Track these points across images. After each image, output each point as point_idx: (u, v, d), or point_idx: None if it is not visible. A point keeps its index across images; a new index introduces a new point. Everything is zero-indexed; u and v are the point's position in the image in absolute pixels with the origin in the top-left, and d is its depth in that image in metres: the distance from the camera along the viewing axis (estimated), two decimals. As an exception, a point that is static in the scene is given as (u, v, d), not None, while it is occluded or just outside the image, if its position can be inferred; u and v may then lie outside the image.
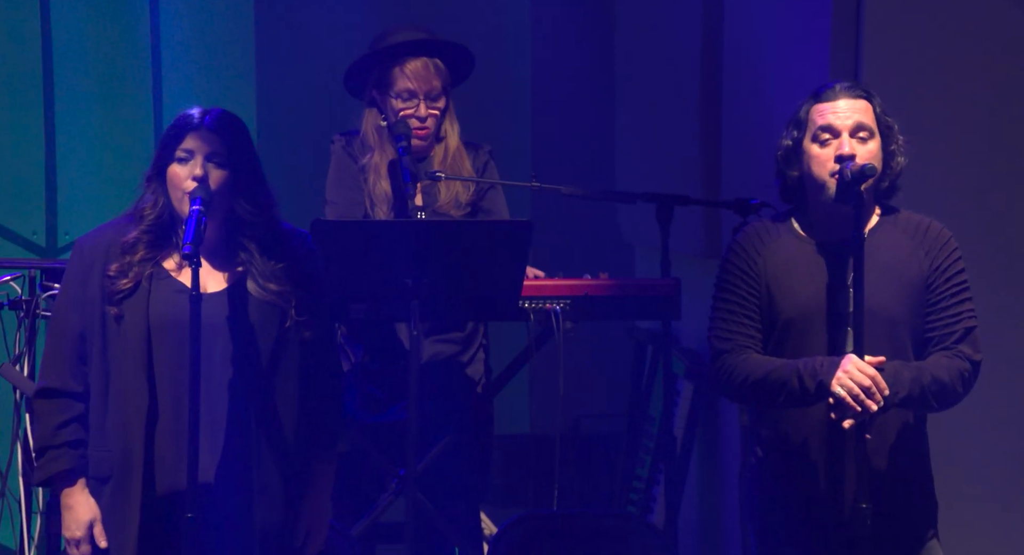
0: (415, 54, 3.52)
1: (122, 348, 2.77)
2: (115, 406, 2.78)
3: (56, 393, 2.81)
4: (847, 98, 2.84)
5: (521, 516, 3.58)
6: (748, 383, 2.80)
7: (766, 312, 2.83)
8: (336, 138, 3.63)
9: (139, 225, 2.81)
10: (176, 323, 2.76)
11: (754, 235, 2.87)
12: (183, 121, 2.80)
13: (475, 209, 3.59)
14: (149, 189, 2.82)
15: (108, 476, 2.78)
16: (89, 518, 2.79)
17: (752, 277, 2.84)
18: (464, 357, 3.62)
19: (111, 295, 2.78)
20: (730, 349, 2.82)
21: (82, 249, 2.84)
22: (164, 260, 2.83)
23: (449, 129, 3.59)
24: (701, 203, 3.96)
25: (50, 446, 2.79)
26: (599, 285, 3.62)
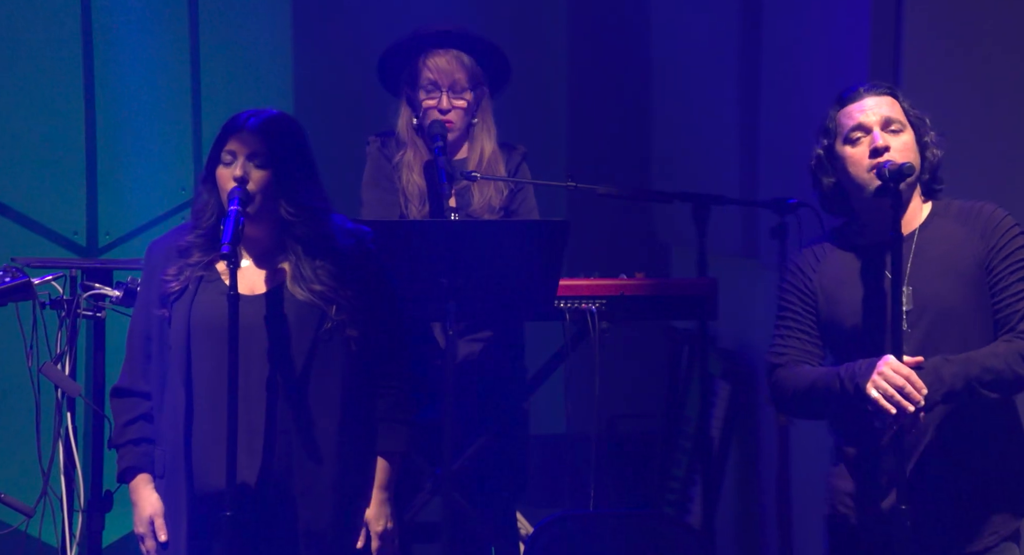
0: (440, 46, 3.52)
1: (171, 350, 2.83)
2: (167, 406, 2.84)
3: (124, 392, 2.89)
4: (872, 96, 2.83)
5: (557, 516, 3.57)
6: (797, 394, 2.83)
7: (826, 327, 2.85)
8: (372, 139, 3.64)
9: (196, 229, 2.87)
10: (216, 324, 2.79)
11: (809, 253, 2.90)
12: (228, 124, 2.85)
13: (507, 214, 3.59)
14: (202, 192, 2.87)
15: (163, 474, 2.86)
16: (150, 513, 2.85)
17: (807, 293, 2.86)
18: (499, 357, 3.63)
19: (163, 297, 2.85)
20: (783, 363, 2.85)
21: (149, 252, 2.92)
22: (217, 262, 2.86)
23: (485, 133, 3.59)
24: (738, 203, 3.95)
25: (119, 444, 2.88)
26: (635, 285, 3.61)
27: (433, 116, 3.52)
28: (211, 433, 2.78)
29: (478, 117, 3.59)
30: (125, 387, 2.89)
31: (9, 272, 3.43)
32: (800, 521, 3.95)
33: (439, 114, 3.51)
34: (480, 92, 3.57)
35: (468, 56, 3.54)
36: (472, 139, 3.60)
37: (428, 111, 3.53)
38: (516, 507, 3.76)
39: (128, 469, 2.86)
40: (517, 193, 3.61)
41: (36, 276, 3.49)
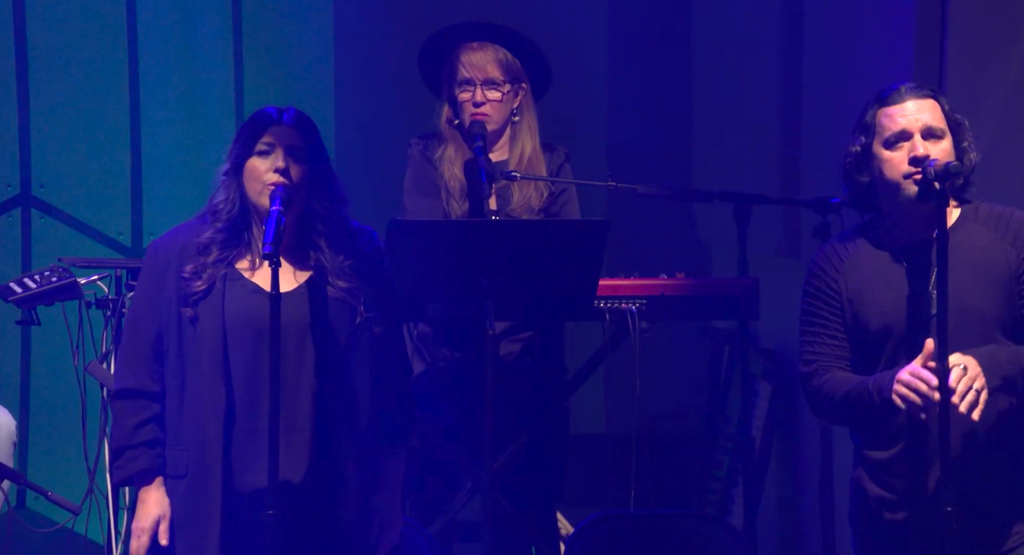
0: (475, 40, 3.52)
1: (198, 349, 2.80)
2: (192, 406, 2.81)
3: (134, 394, 2.85)
4: (914, 99, 2.80)
5: (598, 516, 3.57)
6: (833, 405, 2.82)
7: (852, 328, 2.82)
8: (414, 142, 3.64)
9: (213, 223, 2.84)
10: (251, 324, 2.79)
11: (831, 253, 2.86)
12: (263, 117, 2.84)
13: (547, 215, 3.59)
14: (224, 184, 2.85)
15: (184, 474, 2.82)
16: (158, 514, 2.83)
17: (832, 296, 2.83)
18: (539, 357, 3.62)
19: (186, 296, 2.81)
20: (814, 371, 2.83)
21: (156, 251, 2.87)
22: (237, 261, 2.86)
23: (526, 131, 3.58)
24: (779, 202, 3.92)
25: (128, 446, 2.83)
26: (675, 285, 3.60)
27: (468, 110, 3.52)
28: (248, 431, 2.78)
29: (519, 115, 3.59)
30: (133, 388, 2.83)
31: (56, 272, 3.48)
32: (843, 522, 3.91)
33: (473, 107, 3.51)
34: (518, 88, 3.57)
35: (504, 50, 3.54)
36: (513, 138, 3.60)
37: (463, 105, 3.53)
38: (557, 507, 3.76)
39: (144, 471, 2.82)
40: (559, 196, 3.60)
41: (82, 276, 3.53)
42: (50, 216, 4.45)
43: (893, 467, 2.80)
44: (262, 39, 4.61)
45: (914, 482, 2.78)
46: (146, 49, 4.51)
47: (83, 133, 4.48)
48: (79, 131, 4.48)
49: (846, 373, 2.82)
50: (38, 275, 3.49)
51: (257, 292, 2.81)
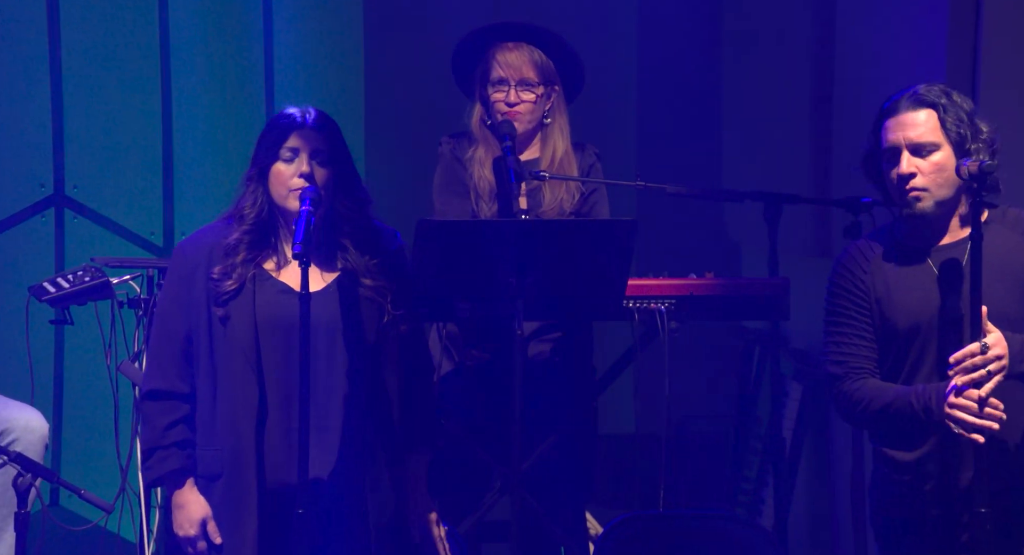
0: (510, 40, 3.52)
1: (230, 349, 2.81)
2: (224, 405, 2.82)
3: (163, 395, 2.86)
4: (909, 111, 2.79)
5: (627, 516, 3.56)
6: (867, 414, 2.81)
7: (879, 328, 2.81)
8: (444, 140, 3.65)
9: (240, 226, 2.86)
10: (282, 323, 2.81)
11: (856, 252, 2.85)
12: (286, 120, 2.85)
13: (577, 216, 3.58)
14: (249, 189, 2.87)
15: (219, 474, 2.83)
16: (202, 515, 2.84)
17: (859, 295, 2.82)
18: (568, 357, 3.62)
19: (216, 297, 2.83)
20: (844, 374, 2.81)
21: (183, 252, 2.89)
22: (264, 261, 2.87)
23: (558, 133, 3.58)
24: (810, 202, 3.90)
25: (159, 447, 2.85)
26: (705, 285, 3.59)
27: (501, 110, 3.53)
28: (282, 429, 2.79)
29: (551, 116, 3.59)
30: (162, 389, 2.84)
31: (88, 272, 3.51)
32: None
33: (506, 107, 3.52)
34: (551, 90, 3.57)
35: (539, 52, 3.54)
36: (545, 138, 3.60)
37: (496, 105, 3.54)
38: (586, 507, 3.76)
39: (175, 472, 2.83)
40: (589, 196, 3.59)
41: (114, 276, 3.56)
42: (83, 216, 4.49)
43: (921, 467, 2.78)
44: (293, 39, 4.63)
45: (943, 483, 2.76)
46: (178, 50, 4.54)
47: (115, 134, 4.51)
48: (112, 132, 4.51)
49: (879, 382, 2.80)
50: (71, 275, 3.52)
51: (286, 292, 2.83)
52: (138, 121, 4.52)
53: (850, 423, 2.91)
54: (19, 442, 3.40)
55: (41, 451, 3.47)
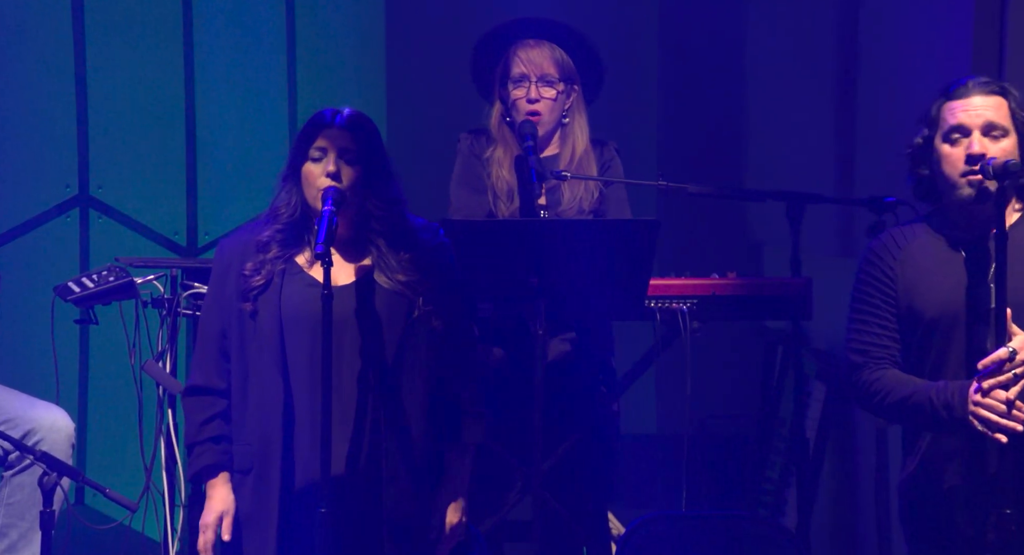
0: (531, 37, 3.52)
1: (258, 344, 2.83)
2: (253, 401, 2.84)
3: (200, 390, 2.89)
4: (980, 95, 2.76)
5: (650, 517, 3.56)
6: (885, 404, 2.79)
7: (906, 317, 2.79)
8: (463, 136, 3.65)
9: (274, 224, 2.88)
10: (308, 317, 2.81)
11: (888, 241, 2.84)
12: (316, 120, 2.87)
13: (596, 216, 3.58)
14: (284, 188, 2.89)
15: (249, 469, 2.85)
16: (221, 509, 2.86)
17: (887, 284, 2.80)
18: (589, 356, 3.62)
19: (245, 292, 2.85)
20: (864, 363, 2.80)
21: (222, 249, 2.93)
22: (296, 256, 2.89)
23: (577, 131, 3.57)
24: (833, 201, 3.89)
25: (196, 442, 2.88)
26: (727, 284, 3.58)
27: (521, 107, 3.52)
28: (309, 426, 2.80)
29: (569, 117, 3.58)
30: (200, 385, 2.88)
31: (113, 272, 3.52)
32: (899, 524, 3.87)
33: (527, 104, 3.51)
34: (571, 88, 3.56)
35: (560, 49, 3.53)
36: (564, 137, 3.60)
37: (517, 103, 3.53)
38: (608, 507, 3.76)
39: (209, 467, 2.86)
40: (607, 188, 3.58)
41: (139, 276, 3.57)
42: (107, 216, 4.51)
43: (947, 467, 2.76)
44: (315, 39, 4.64)
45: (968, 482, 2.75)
46: (201, 51, 4.56)
47: (140, 135, 4.53)
48: (136, 133, 4.53)
49: (900, 374, 2.79)
50: (96, 275, 3.54)
51: (314, 285, 2.83)
52: (162, 123, 4.54)
53: (864, 409, 2.89)
54: (45, 441, 3.42)
55: (67, 450, 3.50)
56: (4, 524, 3.42)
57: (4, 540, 3.44)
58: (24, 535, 3.44)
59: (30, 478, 3.39)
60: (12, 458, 3.44)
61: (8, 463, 3.46)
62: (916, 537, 2.83)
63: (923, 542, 2.82)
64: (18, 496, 3.44)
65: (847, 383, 2.84)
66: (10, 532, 3.43)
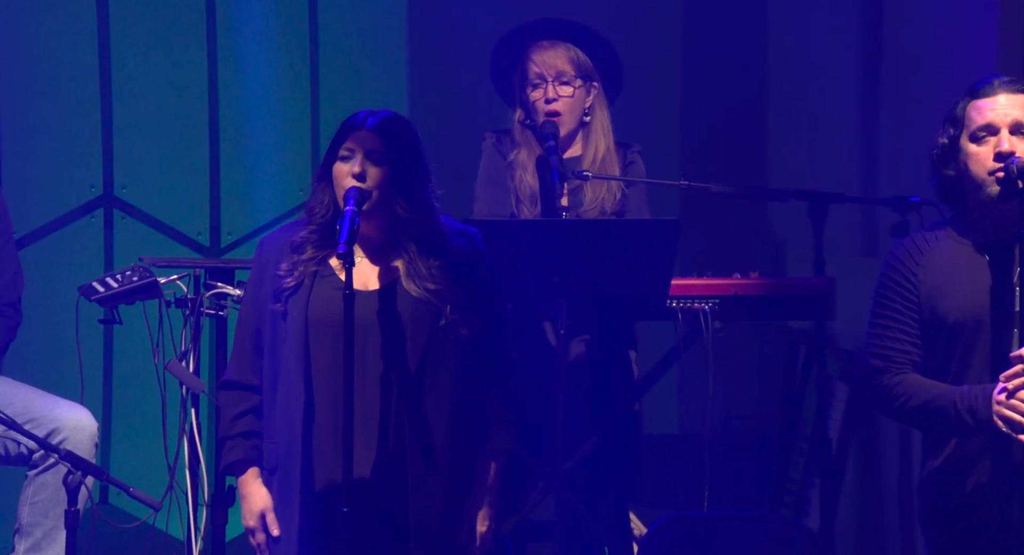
0: (544, 38, 3.51)
1: (286, 345, 2.85)
2: (280, 400, 2.86)
3: (234, 385, 2.91)
4: (1006, 93, 2.74)
5: (671, 516, 3.55)
6: (906, 409, 2.77)
7: (928, 322, 2.78)
8: (488, 135, 3.66)
9: (309, 225, 2.89)
10: (334, 320, 2.82)
11: (911, 245, 2.82)
12: (348, 121, 2.88)
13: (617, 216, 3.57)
14: (318, 188, 2.90)
15: (275, 468, 2.87)
16: (261, 507, 2.87)
17: (909, 288, 2.79)
18: (611, 357, 3.61)
19: (278, 292, 2.87)
20: (885, 368, 2.79)
21: (261, 247, 2.95)
22: (330, 258, 2.90)
23: (599, 131, 3.57)
24: (857, 201, 3.87)
25: (227, 437, 2.89)
26: (749, 284, 3.57)
27: (540, 108, 3.52)
28: (329, 428, 2.81)
29: (590, 115, 3.58)
30: (234, 380, 2.90)
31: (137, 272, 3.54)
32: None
33: (545, 104, 3.51)
34: (590, 85, 3.56)
35: (575, 49, 3.53)
36: (587, 137, 3.59)
37: (536, 104, 3.53)
38: (629, 507, 3.75)
39: (238, 462, 2.87)
40: (626, 193, 3.58)
41: (162, 275, 3.58)
42: (131, 216, 4.53)
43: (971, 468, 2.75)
44: (338, 40, 4.65)
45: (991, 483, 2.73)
46: (225, 53, 4.58)
47: (163, 136, 4.56)
48: (159, 134, 4.55)
49: (920, 378, 2.77)
50: (120, 274, 3.55)
51: (341, 289, 2.83)
52: (185, 123, 4.56)
53: (882, 413, 2.88)
54: (69, 440, 3.44)
55: (91, 449, 3.51)
56: (28, 523, 3.44)
57: (28, 538, 3.46)
58: (48, 533, 3.46)
59: (54, 477, 3.41)
60: (36, 457, 3.46)
61: (32, 462, 3.48)
62: (937, 538, 2.81)
63: (944, 543, 2.80)
64: (42, 495, 3.45)
65: (867, 388, 2.83)
66: (34, 531, 3.45)
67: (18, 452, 3.46)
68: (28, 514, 3.44)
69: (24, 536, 3.46)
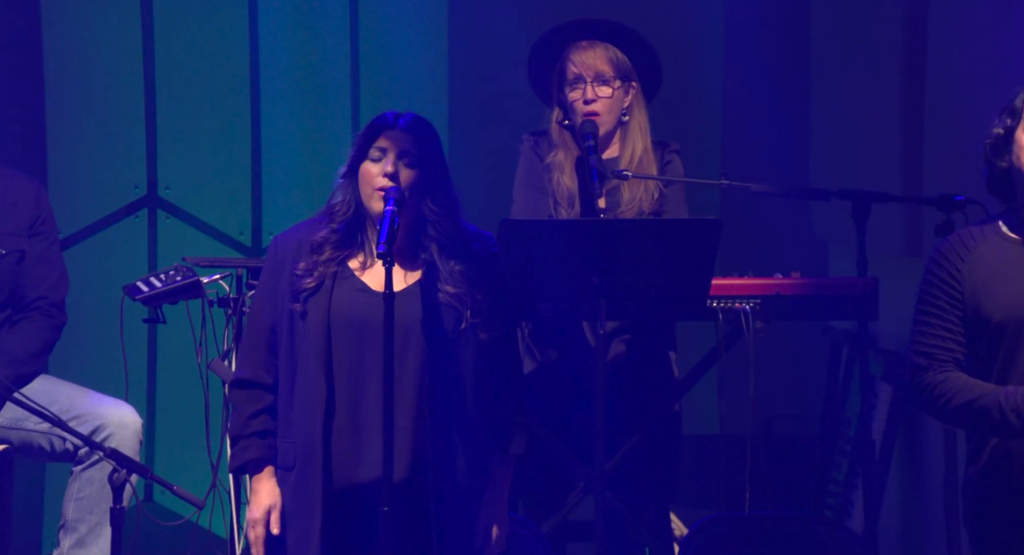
0: (583, 38, 3.50)
1: (305, 344, 2.85)
2: (299, 400, 2.86)
3: (249, 384, 2.91)
4: None
5: (713, 517, 3.53)
6: (949, 408, 2.74)
7: (972, 321, 2.74)
8: (525, 138, 3.66)
9: (329, 224, 2.89)
10: (354, 321, 2.83)
11: (957, 242, 2.78)
12: (378, 122, 2.89)
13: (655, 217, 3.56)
14: (341, 187, 2.90)
15: (292, 466, 2.87)
16: (269, 503, 2.88)
17: (955, 285, 2.75)
18: (651, 357, 3.60)
19: (296, 292, 2.87)
20: (928, 366, 2.76)
21: (277, 245, 2.94)
22: (349, 259, 2.90)
23: (637, 131, 3.56)
24: (901, 200, 3.83)
25: (242, 435, 2.90)
26: (790, 284, 3.55)
27: (579, 110, 3.51)
28: (349, 428, 2.82)
29: (629, 115, 3.57)
30: (248, 379, 2.89)
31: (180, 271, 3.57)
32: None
33: (584, 105, 3.50)
34: (628, 86, 3.55)
35: (614, 49, 3.52)
36: (624, 137, 3.58)
37: (574, 105, 3.52)
38: (670, 507, 3.74)
39: (254, 460, 2.87)
40: (663, 193, 3.56)
41: (205, 275, 3.62)
42: (175, 217, 4.57)
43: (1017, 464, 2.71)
44: (378, 40, 4.67)
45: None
46: (266, 53, 4.60)
47: (206, 137, 4.59)
48: (203, 135, 4.59)
49: (965, 377, 2.74)
50: (163, 274, 3.58)
51: (364, 291, 2.85)
52: (228, 124, 4.60)
53: (925, 411, 2.85)
54: (114, 438, 3.47)
55: (135, 447, 3.55)
56: (73, 519, 3.48)
57: (73, 534, 3.50)
58: (93, 530, 3.50)
59: (99, 474, 3.45)
60: (82, 454, 3.50)
61: (78, 459, 3.52)
62: (982, 539, 2.78)
63: (989, 544, 2.77)
64: (87, 491, 3.49)
65: (910, 386, 2.80)
66: (79, 527, 3.49)
67: (63, 449, 3.50)
68: (73, 510, 3.48)
69: (69, 532, 3.50)
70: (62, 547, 3.51)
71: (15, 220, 3.56)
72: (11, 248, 3.53)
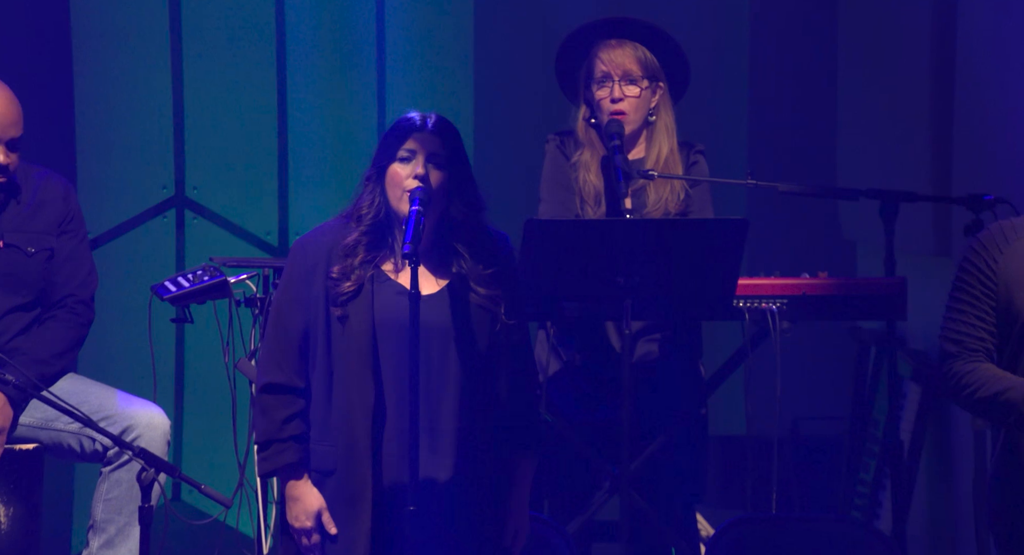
0: (612, 37, 3.50)
1: (347, 348, 2.84)
2: (339, 403, 2.86)
3: (282, 388, 2.90)
4: None
5: (740, 518, 3.53)
6: (975, 398, 2.72)
7: (1004, 314, 2.72)
8: (551, 137, 3.65)
9: (358, 226, 2.89)
10: (399, 324, 2.83)
11: (997, 233, 2.76)
12: (406, 123, 2.88)
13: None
14: (367, 189, 2.90)
15: (332, 470, 2.87)
16: (318, 507, 2.88)
17: (989, 277, 2.73)
18: (677, 357, 3.59)
19: (335, 297, 2.86)
20: (958, 353, 2.73)
21: (304, 249, 2.92)
22: (383, 262, 2.90)
23: (663, 131, 3.55)
24: (929, 199, 3.81)
25: (276, 439, 2.89)
26: (818, 284, 3.53)
27: (606, 108, 3.51)
28: (397, 429, 2.82)
29: (655, 115, 3.56)
30: (281, 383, 2.88)
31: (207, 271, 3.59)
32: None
33: (611, 104, 3.49)
34: (656, 86, 3.54)
35: (643, 48, 3.51)
36: (650, 138, 3.58)
37: (601, 103, 3.52)
38: (696, 508, 3.73)
39: (292, 465, 2.87)
40: (689, 193, 3.56)
41: (232, 275, 3.63)
42: (202, 217, 4.60)
43: None
44: (405, 41, 4.68)
45: None
46: (293, 54, 4.62)
47: (234, 138, 4.61)
48: (230, 135, 4.61)
49: (995, 368, 2.72)
50: (191, 274, 3.60)
51: (402, 293, 2.85)
52: (255, 125, 4.62)
53: (949, 399, 2.82)
54: (142, 438, 3.49)
55: (163, 446, 3.56)
56: (102, 519, 3.49)
57: (102, 534, 3.51)
58: (121, 530, 3.52)
59: (127, 474, 3.46)
60: (111, 454, 3.52)
61: (107, 459, 3.54)
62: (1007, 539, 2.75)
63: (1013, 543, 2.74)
64: (116, 491, 3.51)
65: (938, 373, 2.77)
66: (108, 527, 3.51)
67: (92, 449, 3.52)
68: (102, 511, 3.50)
69: (98, 532, 3.52)
70: (91, 547, 3.52)
71: (45, 219, 3.57)
72: (41, 246, 3.55)
